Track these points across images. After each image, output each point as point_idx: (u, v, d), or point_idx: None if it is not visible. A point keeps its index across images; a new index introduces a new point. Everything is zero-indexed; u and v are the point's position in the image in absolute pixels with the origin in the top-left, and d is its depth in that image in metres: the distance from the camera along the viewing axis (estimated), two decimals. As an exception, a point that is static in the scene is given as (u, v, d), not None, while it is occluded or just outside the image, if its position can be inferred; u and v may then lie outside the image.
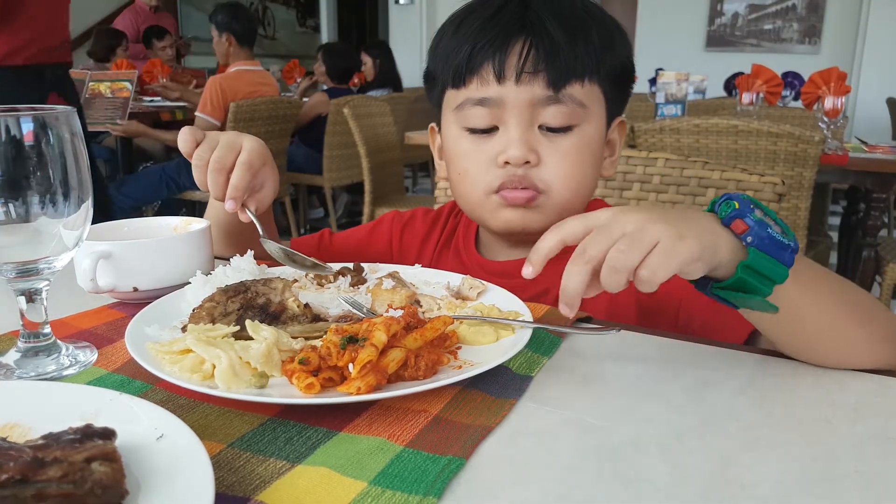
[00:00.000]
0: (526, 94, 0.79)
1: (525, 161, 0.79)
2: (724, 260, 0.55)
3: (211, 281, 0.72)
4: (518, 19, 0.79)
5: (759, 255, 0.54)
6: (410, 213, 1.06)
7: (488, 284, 0.76)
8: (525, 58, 0.78)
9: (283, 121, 3.73)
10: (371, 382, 0.51)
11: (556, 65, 0.78)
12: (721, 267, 0.55)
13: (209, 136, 0.83)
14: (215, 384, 0.52)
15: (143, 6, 5.79)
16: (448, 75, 0.83)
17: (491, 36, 0.79)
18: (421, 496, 0.42)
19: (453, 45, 0.82)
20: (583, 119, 0.81)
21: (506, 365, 0.60)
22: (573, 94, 0.79)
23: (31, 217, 0.56)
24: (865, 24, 5.95)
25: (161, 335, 0.63)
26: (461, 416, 0.52)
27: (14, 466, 0.36)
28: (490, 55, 0.79)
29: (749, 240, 0.55)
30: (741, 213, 0.55)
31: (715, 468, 0.46)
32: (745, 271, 0.54)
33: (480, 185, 0.83)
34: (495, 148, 0.81)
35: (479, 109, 0.81)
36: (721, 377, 0.61)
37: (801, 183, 2.30)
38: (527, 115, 0.80)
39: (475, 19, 0.81)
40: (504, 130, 0.81)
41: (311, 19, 9.87)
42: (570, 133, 0.81)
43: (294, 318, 0.66)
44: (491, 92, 0.80)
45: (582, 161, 0.82)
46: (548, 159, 0.81)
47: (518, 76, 0.78)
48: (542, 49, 0.77)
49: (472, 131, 0.83)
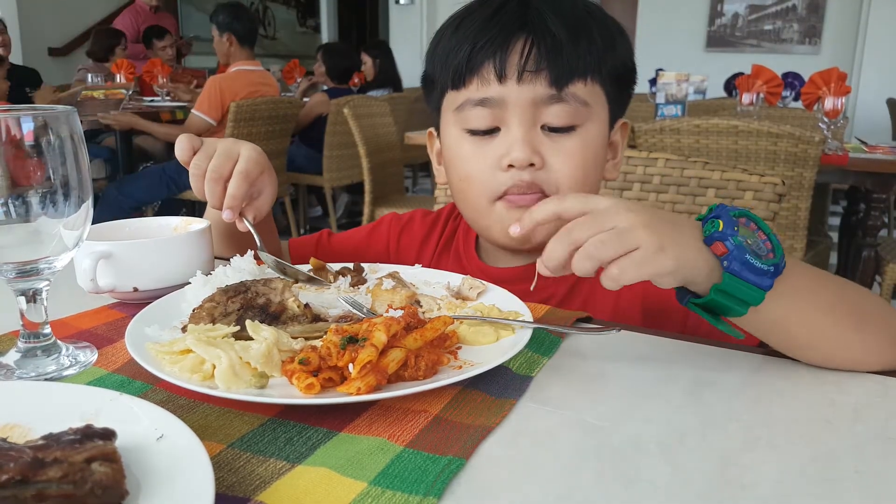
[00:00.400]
0: (528, 93, 0.77)
1: (529, 163, 0.78)
2: (701, 278, 0.57)
3: (211, 281, 0.72)
4: (519, 17, 0.78)
5: (733, 280, 0.56)
6: (409, 216, 1.06)
7: (488, 284, 0.76)
8: (527, 56, 0.76)
9: (284, 121, 3.74)
10: (371, 383, 0.51)
11: (558, 63, 0.76)
12: (697, 284, 0.58)
13: (207, 143, 0.82)
14: (215, 384, 0.52)
15: (144, 6, 5.79)
16: (447, 76, 0.82)
17: (492, 35, 0.77)
18: (421, 496, 0.42)
19: (452, 45, 0.81)
20: (586, 118, 0.80)
21: (506, 365, 0.60)
22: (576, 92, 0.78)
23: (31, 217, 0.56)
24: (865, 24, 5.95)
25: (161, 335, 0.63)
26: (461, 417, 0.52)
27: (14, 467, 0.36)
28: (491, 54, 0.77)
29: (725, 264, 0.56)
30: (723, 235, 0.56)
31: (715, 468, 0.46)
32: (718, 294, 0.56)
33: (485, 190, 0.81)
34: (498, 150, 0.79)
35: (480, 110, 0.79)
36: (721, 377, 0.61)
37: (802, 183, 2.30)
38: (529, 115, 0.78)
39: (474, 19, 0.80)
40: (506, 131, 0.79)
41: (312, 19, 9.87)
42: (573, 133, 0.80)
43: (294, 319, 0.66)
44: (492, 92, 0.78)
45: (585, 162, 0.81)
46: (552, 160, 0.79)
47: (520, 75, 0.77)
48: (544, 47, 0.76)
49: (473, 133, 0.81)
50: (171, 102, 4.49)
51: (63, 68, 6.13)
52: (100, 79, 4.43)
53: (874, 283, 2.55)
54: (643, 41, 6.63)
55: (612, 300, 0.84)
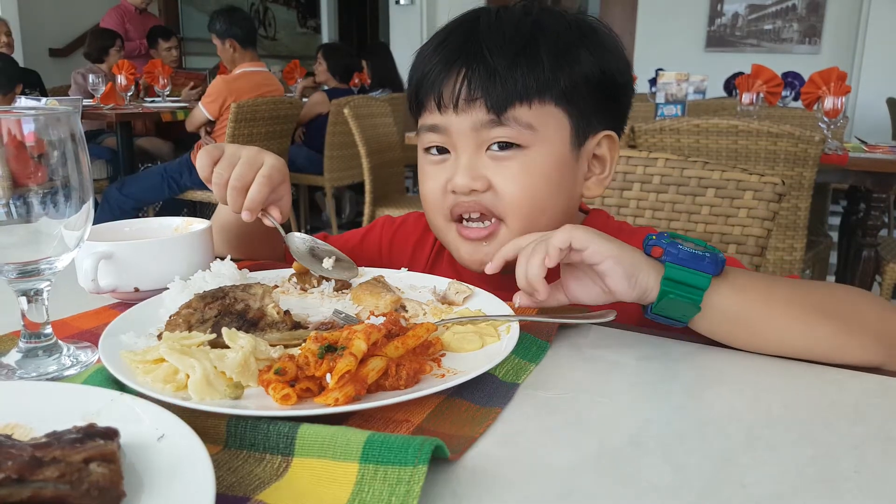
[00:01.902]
0: (467, 120, 0.80)
1: (471, 189, 0.80)
2: (651, 283, 0.65)
3: (189, 286, 0.70)
4: (458, 48, 0.80)
5: (673, 267, 0.64)
6: (402, 219, 1.06)
7: (475, 289, 0.75)
8: (461, 86, 0.79)
9: (284, 121, 3.74)
10: (349, 393, 0.50)
11: (493, 90, 0.78)
12: (650, 290, 0.65)
13: (229, 152, 0.83)
14: (189, 395, 0.51)
15: (129, 6, 5.75)
16: (412, 101, 0.87)
17: (433, 66, 0.81)
18: (412, 467, 0.41)
19: (412, 73, 0.86)
20: (532, 141, 0.80)
21: (491, 372, 0.58)
22: (518, 116, 0.79)
23: (32, 217, 0.56)
24: (865, 24, 5.95)
25: (137, 343, 0.61)
26: (444, 426, 0.51)
27: (11, 465, 0.36)
28: (431, 85, 0.81)
29: (664, 258, 0.65)
30: (657, 241, 0.66)
31: (715, 468, 0.47)
32: (667, 283, 0.64)
33: (439, 209, 0.85)
34: (446, 174, 0.83)
35: (432, 135, 0.83)
36: (721, 377, 0.61)
37: (801, 183, 2.30)
38: (472, 141, 0.80)
39: (428, 48, 0.84)
40: (454, 156, 0.83)
41: (312, 20, 9.87)
42: (517, 156, 0.80)
43: (273, 325, 0.64)
44: (437, 120, 0.82)
45: (533, 183, 0.80)
46: (497, 182, 0.80)
47: (456, 104, 0.79)
48: (479, 76, 0.78)
49: (428, 154, 0.85)
50: (172, 103, 4.49)
51: (63, 69, 6.13)
52: (100, 80, 4.43)
53: (874, 283, 2.55)
54: (643, 41, 6.63)
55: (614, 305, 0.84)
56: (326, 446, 0.45)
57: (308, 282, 0.79)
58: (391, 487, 0.41)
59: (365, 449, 0.43)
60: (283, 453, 0.46)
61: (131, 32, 5.68)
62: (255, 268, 0.83)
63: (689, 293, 0.64)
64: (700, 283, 0.64)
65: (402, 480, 0.41)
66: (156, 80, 4.57)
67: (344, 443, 0.44)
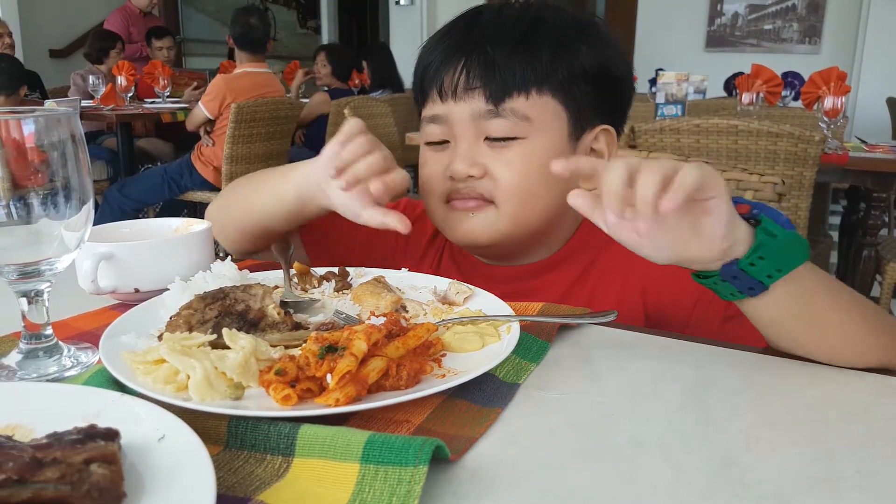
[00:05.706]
0: (467, 110, 0.82)
1: (468, 175, 0.82)
2: (741, 236, 0.58)
3: (190, 287, 0.70)
4: (459, 40, 0.84)
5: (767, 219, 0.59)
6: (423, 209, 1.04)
7: (475, 289, 0.75)
8: (460, 76, 0.82)
9: (285, 122, 3.73)
10: (350, 393, 0.50)
11: (492, 80, 0.81)
12: (738, 243, 0.58)
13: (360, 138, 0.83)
14: (189, 395, 0.51)
15: (134, 8, 5.76)
16: (416, 93, 0.90)
17: (437, 57, 0.85)
18: (412, 467, 0.41)
19: (416, 65, 0.89)
20: (528, 132, 0.82)
21: (492, 373, 0.58)
22: (515, 107, 0.81)
23: (32, 219, 0.56)
24: (865, 24, 5.95)
25: (137, 344, 0.61)
26: (445, 427, 0.51)
27: (12, 467, 0.36)
28: (434, 76, 0.85)
29: (755, 212, 0.60)
30: (738, 199, 0.60)
31: (715, 468, 0.47)
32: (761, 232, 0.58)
33: (435, 193, 0.87)
34: (445, 161, 0.85)
35: (433, 126, 0.86)
36: (721, 377, 0.61)
37: (802, 183, 2.29)
38: (471, 130, 0.83)
39: (433, 40, 0.87)
40: (453, 144, 0.85)
41: (312, 20, 9.87)
42: (514, 145, 0.82)
43: (274, 326, 0.64)
44: (438, 109, 0.85)
45: (529, 171, 0.82)
46: (494, 169, 0.83)
47: (455, 93, 0.82)
48: (478, 66, 0.81)
49: (429, 144, 0.88)
50: (172, 104, 4.49)
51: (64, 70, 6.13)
52: (99, 81, 4.43)
53: (874, 283, 2.55)
54: (643, 41, 6.62)
55: (614, 304, 0.84)
56: (327, 447, 0.45)
57: (308, 282, 0.79)
58: (392, 488, 0.41)
59: (366, 449, 0.43)
60: (284, 454, 0.46)
61: (134, 35, 5.68)
62: (256, 268, 0.83)
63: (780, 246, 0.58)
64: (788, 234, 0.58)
65: (403, 481, 0.41)
66: (156, 81, 4.57)
67: (344, 443, 0.44)
